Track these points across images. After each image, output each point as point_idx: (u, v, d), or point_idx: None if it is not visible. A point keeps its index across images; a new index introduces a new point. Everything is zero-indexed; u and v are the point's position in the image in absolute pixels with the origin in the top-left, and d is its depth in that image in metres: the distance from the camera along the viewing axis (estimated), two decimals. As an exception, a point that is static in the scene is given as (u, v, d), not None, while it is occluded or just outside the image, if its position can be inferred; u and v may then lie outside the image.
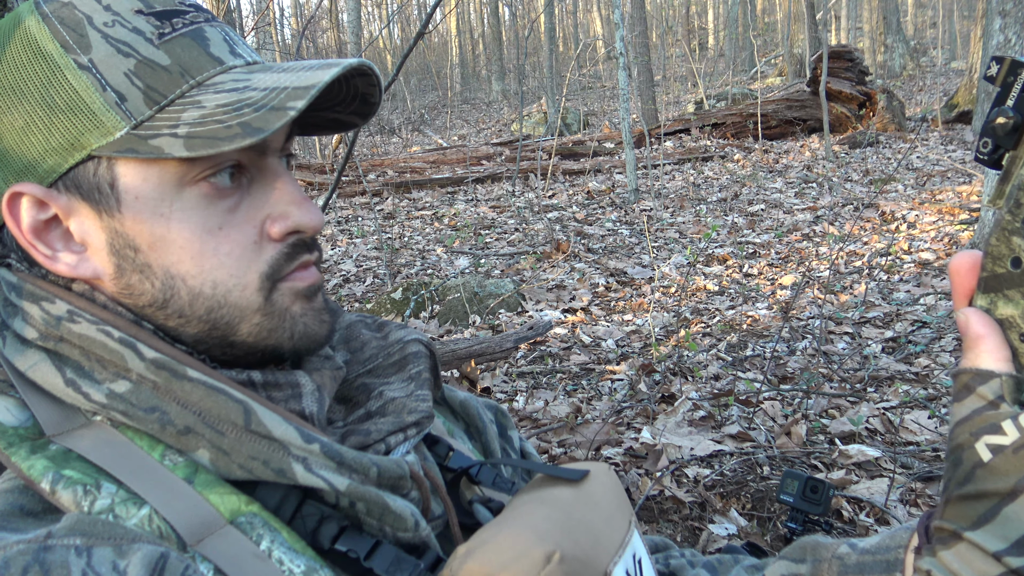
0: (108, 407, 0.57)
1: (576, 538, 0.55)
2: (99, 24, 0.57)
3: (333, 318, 0.66)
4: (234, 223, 0.60)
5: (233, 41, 0.62)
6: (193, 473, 0.56)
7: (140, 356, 0.57)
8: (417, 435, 0.67)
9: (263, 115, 0.55)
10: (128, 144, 0.56)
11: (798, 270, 4.94)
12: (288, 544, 0.55)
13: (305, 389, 0.62)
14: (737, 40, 25.30)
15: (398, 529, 0.58)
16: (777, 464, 2.39)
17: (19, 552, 0.47)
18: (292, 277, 0.63)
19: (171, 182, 0.58)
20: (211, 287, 0.60)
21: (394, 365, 0.72)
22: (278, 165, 0.63)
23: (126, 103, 0.56)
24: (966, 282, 0.50)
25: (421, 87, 28.00)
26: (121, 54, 0.57)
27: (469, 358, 3.21)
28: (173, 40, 0.58)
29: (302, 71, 0.57)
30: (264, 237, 0.61)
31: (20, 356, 0.59)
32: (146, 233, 0.59)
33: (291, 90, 0.55)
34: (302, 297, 0.63)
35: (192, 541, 0.53)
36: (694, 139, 11.27)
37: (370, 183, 8.99)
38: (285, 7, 34.63)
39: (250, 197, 0.61)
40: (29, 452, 0.54)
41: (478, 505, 0.70)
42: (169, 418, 0.56)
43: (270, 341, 0.62)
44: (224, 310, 0.61)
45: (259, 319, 0.61)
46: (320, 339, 0.64)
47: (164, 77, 0.57)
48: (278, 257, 0.62)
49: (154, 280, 0.60)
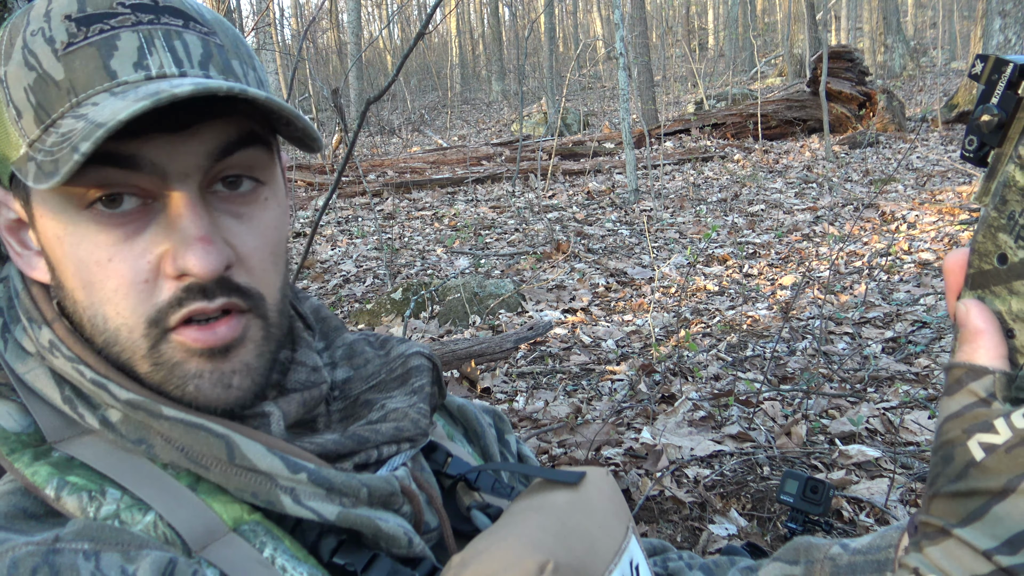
0: (100, 432, 0.57)
1: (571, 546, 0.55)
2: (28, 33, 0.54)
3: (254, 381, 0.58)
4: (125, 255, 0.54)
5: (149, 50, 0.54)
6: (196, 481, 0.56)
7: (114, 397, 0.56)
8: (411, 449, 0.66)
9: (64, 155, 0.49)
10: (22, 163, 0.54)
11: (798, 270, 4.94)
12: (291, 552, 0.55)
13: (272, 418, 0.60)
14: (737, 40, 25.30)
15: (392, 547, 0.58)
16: (777, 464, 2.39)
17: (28, 554, 0.47)
18: (182, 332, 0.55)
19: (67, 204, 0.54)
20: (103, 321, 0.56)
21: (397, 380, 0.72)
22: (189, 192, 0.55)
23: (21, 120, 0.54)
24: (959, 280, 0.50)
25: (421, 87, 28.00)
26: (27, 67, 0.53)
27: (469, 358, 3.21)
28: (77, 51, 0.53)
29: (128, 101, 0.50)
30: (161, 275, 0.55)
31: (21, 362, 0.59)
32: (54, 254, 0.57)
33: (92, 127, 0.49)
34: (198, 356, 0.56)
35: (197, 547, 0.53)
36: (694, 139, 11.27)
37: (370, 183, 8.99)
38: (285, 7, 34.63)
39: (155, 226, 0.55)
40: (32, 459, 0.54)
41: (476, 511, 0.70)
42: (155, 452, 0.56)
43: (167, 389, 0.57)
44: (117, 348, 0.56)
45: (147, 367, 0.56)
46: (219, 406, 0.57)
47: (53, 93, 0.53)
48: (166, 302, 0.55)
49: (69, 300, 0.58)
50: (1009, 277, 0.46)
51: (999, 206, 0.46)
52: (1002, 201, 0.46)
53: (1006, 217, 0.46)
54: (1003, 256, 0.46)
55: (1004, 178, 0.46)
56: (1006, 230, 0.46)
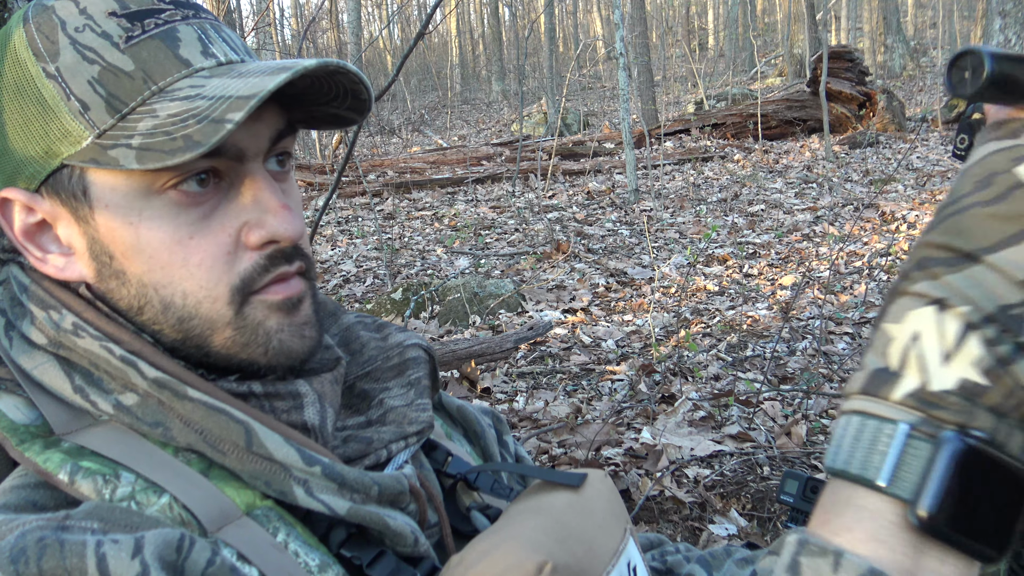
0: (115, 417, 0.57)
1: (569, 547, 0.56)
2: (71, 30, 0.56)
3: (318, 333, 0.64)
4: (206, 232, 0.58)
5: (209, 39, 0.59)
6: (207, 468, 0.57)
7: (142, 375, 0.57)
8: (418, 443, 0.67)
9: (203, 128, 0.52)
10: (91, 154, 0.55)
11: (798, 270, 4.94)
12: (303, 539, 0.56)
13: (307, 400, 0.62)
14: (737, 40, 25.30)
15: (397, 545, 0.59)
16: (777, 464, 2.39)
17: (37, 527, 0.47)
18: (267, 290, 0.60)
19: (139, 190, 0.56)
20: (181, 298, 0.58)
21: (393, 369, 0.72)
22: (259, 170, 0.60)
23: (89, 112, 0.55)
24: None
25: (421, 87, 28.00)
26: (87, 61, 0.55)
27: (469, 358, 3.21)
28: (140, 43, 0.56)
29: (256, 76, 0.55)
30: (240, 246, 0.59)
31: (27, 357, 0.59)
32: (118, 241, 0.58)
33: (234, 100, 0.53)
34: (278, 311, 0.61)
35: (212, 528, 0.53)
36: (694, 139, 11.27)
37: (370, 183, 8.99)
38: (285, 7, 34.63)
39: (227, 203, 0.59)
40: (43, 447, 0.54)
41: (476, 512, 0.70)
42: (172, 435, 0.56)
43: (243, 356, 0.60)
44: (195, 321, 0.59)
45: (230, 333, 0.59)
46: (298, 356, 0.62)
47: (127, 84, 0.55)
48: (252, 269, 0.59)
49: (129, 287, 0.59)
50: None
51: None
52: None
53: None
54: None
55: None
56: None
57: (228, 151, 0.57)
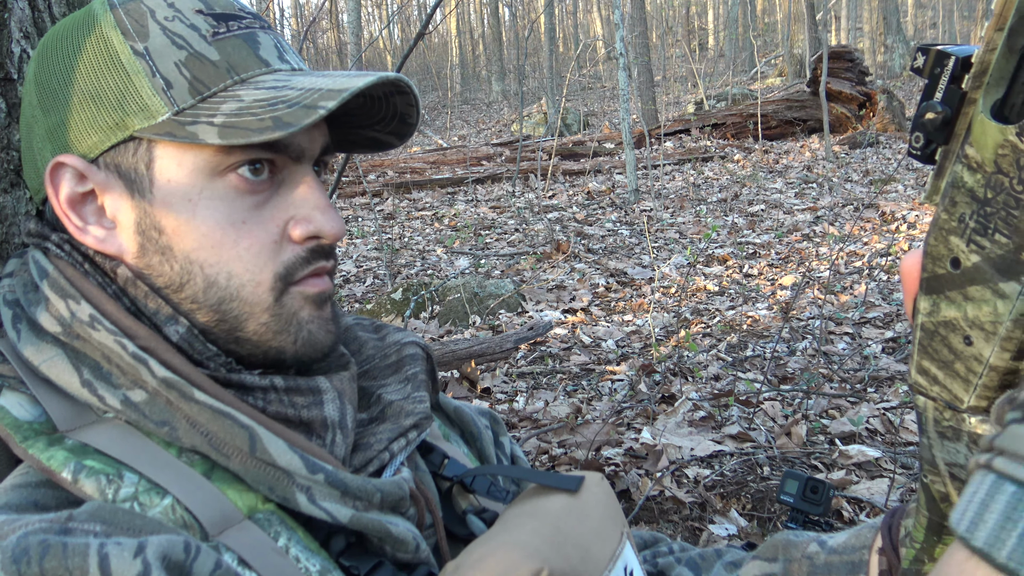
0: (122, 413, 0.57)
1: (565, 553, 0.56)
2: (160, 18, 0.60)
3: (338, 329, 0.67)
4: (258, 219, 0.61)
5: (283, 49, 0.64)
6: (210, 470, 0.57)
7: (152, 373, 0.57)
8: (417, 437, 0.67)
9: (295, 111, 0.56)
10: (168, 128, 0.58)
11: (798, 270, 4.94)
12: (304, 544, 0.56)
13: (326, 396, 0.63)
14: (737, 40, 25.31)
15: (399, 551, 0.59)
16: (777, 464, 2.39)
17: (40, 528, 0.47)
18: (305, 282, 0.63)
19: (204, 170, 0.59)
20: (226, 278, 0.61)
21: (390, 367, 0.73)
22: (309, 171, 0.64)
23: (172, 90, 0.59)
24: (916, 284, 0.46)
25: (421, 87, 28.00)
26: (175, 46, 0.59)
27: (469, 359, 3.21)
28: (226, 40, 0.61)
29: (340, 77, 0.59)
30: (285, 238, 0.62)
31: (35, 349, 0.59)
32: (172, 217, 0.60)
33: (325, 91, 0.57)
34: (311, 303, 0.64)
35: (214, 531, 0.54)
36: (694, 139, 11.27)
37: (370, 183, 8.99)
38: (285, 7, 34.63)
39: (278, 197, 0.62)
40: (47, 444, 0.55)
41: (472, 516, 0.70)
42: (177, 435, 0.57)
43: (274, 343, 0.63)
44: (235, 303, 0.61)
45: (267, 319, 0.62)
46: (324, 348, 0.65)
47: (211, 70, 0.59)
48: (295, 260, 0.62)
49: (173, 263, 0.61)
50: (963, 282, 0.42)
51: (949, 208, 0.43)
52: (952, 203, 0.43)
53: (956, 219, 0.42)
54: (956, 260, 0.43)
55: (952, 178, 0.43)
56: (957, 233, 0.42)
57: (292, 148, 0.61)
